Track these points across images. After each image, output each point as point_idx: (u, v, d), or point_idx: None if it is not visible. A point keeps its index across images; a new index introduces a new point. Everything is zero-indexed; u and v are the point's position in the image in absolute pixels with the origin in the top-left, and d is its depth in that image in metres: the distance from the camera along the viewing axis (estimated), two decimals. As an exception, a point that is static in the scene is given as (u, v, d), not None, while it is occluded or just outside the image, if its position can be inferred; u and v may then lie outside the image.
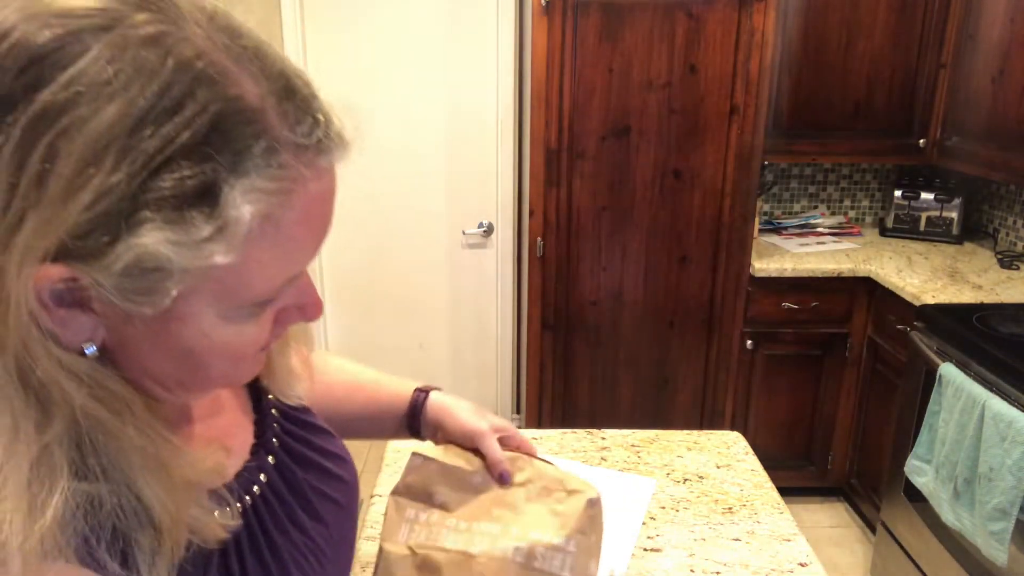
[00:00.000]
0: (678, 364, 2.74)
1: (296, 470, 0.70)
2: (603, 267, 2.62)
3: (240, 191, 0.44)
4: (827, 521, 2.85)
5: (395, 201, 3.21)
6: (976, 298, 2.36)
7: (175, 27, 0.43)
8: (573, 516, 0.76)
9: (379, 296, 3.33)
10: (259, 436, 0.69)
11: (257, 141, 0.44)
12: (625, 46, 2.41)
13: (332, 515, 0.72)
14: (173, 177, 0.42)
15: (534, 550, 0.73)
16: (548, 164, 2.50)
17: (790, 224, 3.15)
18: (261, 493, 0.65)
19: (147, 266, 0.43)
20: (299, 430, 0.74)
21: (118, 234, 0.42)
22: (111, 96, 0.41)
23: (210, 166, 0.43)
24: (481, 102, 3.09)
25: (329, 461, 0.75)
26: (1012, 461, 1.76)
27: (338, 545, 0.72)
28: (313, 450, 0.74)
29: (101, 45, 0.41)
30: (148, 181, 0.42)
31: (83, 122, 0.41)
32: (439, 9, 2.99)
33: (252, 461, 0.66)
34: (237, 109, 0.44)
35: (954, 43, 2.69)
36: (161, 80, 0.42)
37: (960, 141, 2.67)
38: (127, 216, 0.42)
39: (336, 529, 0.72)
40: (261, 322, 0.52)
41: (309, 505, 0.70)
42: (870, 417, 2.70)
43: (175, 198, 0.42)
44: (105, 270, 0.43)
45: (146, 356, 0.49)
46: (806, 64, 2.75)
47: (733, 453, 1.43)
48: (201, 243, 0.43)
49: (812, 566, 1.13)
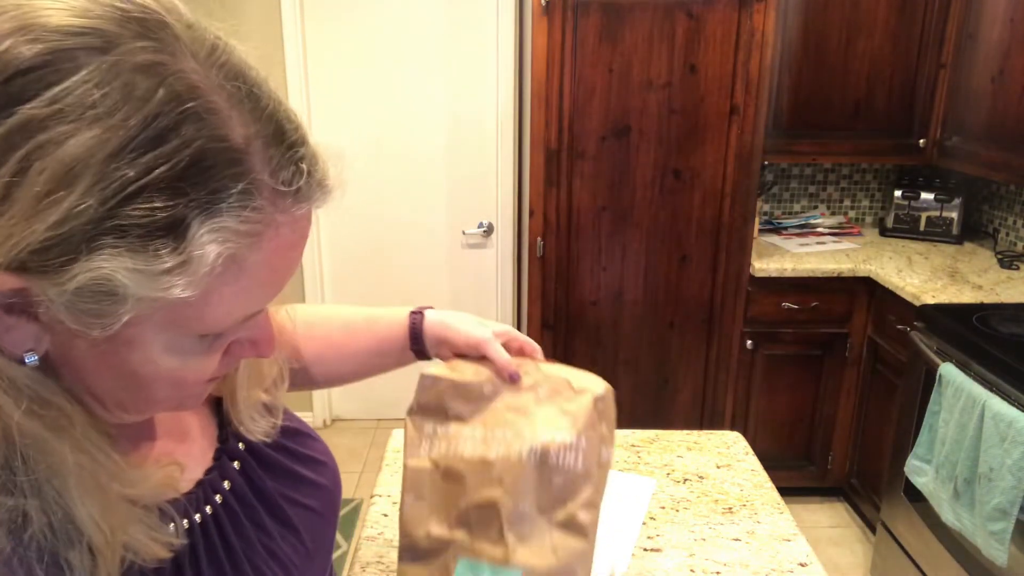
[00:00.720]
0: (678, 364, 2.74)
1: (265, 477, 0.69)
2: (603, 267, 2.62)
3: (208, 229, 0.43)
4: (827, 521, 2.85)
5: (395, 201, 3.21)
6: (976, 298, 2.36)
7: (171, 59, 0.43)
8: (582, 414, 0.80)
9: (379, 296, 3.32)
10: (223, 441, 0.68)
11: (235, 183, 0.44)
12: (625, 46, 2.41)
13: (305, 522, 0.71)
14: (143, 208, 0.41)
15: (548, 450, 0.76)
16: (548, 164, 2.50)
17: (790, 224, 3.15)
18: (224, 501, 0.64)
19: (102, 290, 0.42)
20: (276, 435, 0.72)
21: (77, 255, 0.41)
22: (94, 119, 0.40)
23: (183, 201, 0.42)
24: (481, 102, 3.09)
25: (306, 467, 0.73)
26: (1012, 461, 1.76)
27: (312, 554, 0.71)
28: (288, 455, 0.72)
29: (92, 67, 0.40)
30: (117, 208, 0.41)
31: (61, 141, 0.40)
32: (439, 9, 2.99)
33: (214, 469, 0.65)
34: (220, 149, 0.43)
35: (954, 43, 2.69)
36: (147, 110, 0.41)
37: (960, 141, 2.67)
38: (90, 239, 0.41)
39: (309, 536, 0.71)
40: (210, 354, 0.51)
41: (279, 512, 0.68)
42: (870, 417, 2.70)
43: (142, 228, 0.41)
44: (59, 287, 0.41)
45: (89, 373, 0.48)
46: (806, 64, 2.75)
47: (733, 453, 1.43)
48: (161, 274, 0.42)
49: (812, 566, 1.13)
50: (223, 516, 0.63)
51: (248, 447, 0.70)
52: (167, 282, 0.43)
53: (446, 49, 3.04)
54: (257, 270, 0.47)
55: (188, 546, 0.59)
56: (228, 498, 0.65)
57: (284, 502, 0.69)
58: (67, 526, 0.47)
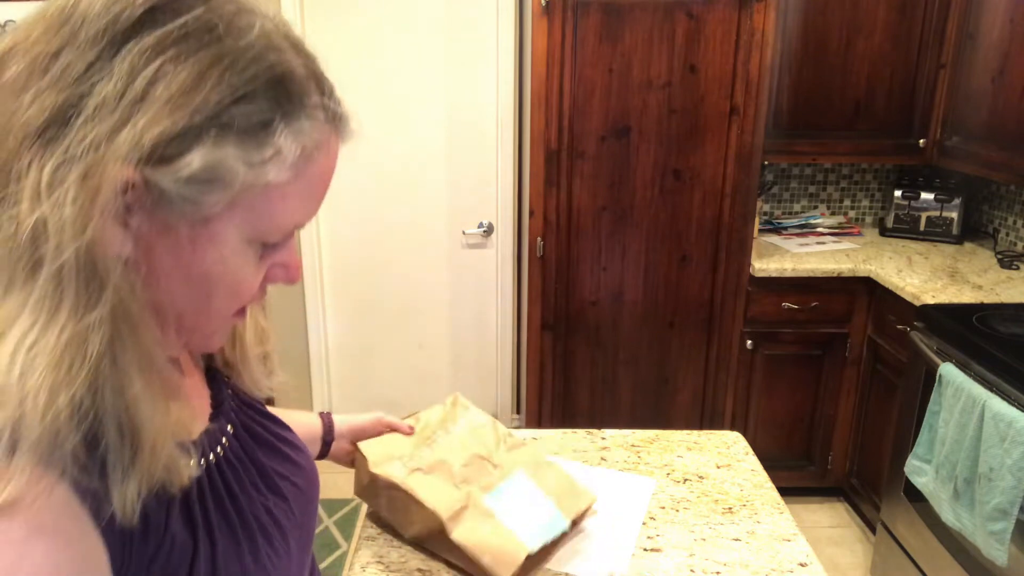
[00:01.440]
0: (678, 364, 2.74)
1: (254, 446, 0.74)
2: (603, 267, 2.62)
3: (291, 131, 0.56)
4: (827, 521, 2.85)
5: (395, 201, 3.21)
6: (976, 298, 2.36)
7: (253, 8, 0.57)
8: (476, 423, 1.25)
9: (379, 296, 3.32)
10: (216, 407, 0.73)
11: (306, 99, 0.57)
12: (625, 46, 2.41)
13: (293, 495, 0.75)
14: (249, 108, 0.53)
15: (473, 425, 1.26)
16: (548, 164, 2.50)
17: (790, 224, 3.15)
18: (224, 454, 0.69)
19: (211, 175, 0.52)
20: (256, 414, 0.78)
21: (196, 144, 0.51)
22: (214, 40, 0.53)
23: (273, 106, 0.55)
24: (481, 102, 3.09)
25: (286, 447, 0.79)
26: (1012, 461, 1.76)
27: (301, 526, 0.75)
28: (269, 434, 0.78)
29: (204, 7, 0.53)
30: (230, 107, 0.52)
31: (189, 54, 0.51)
32: (439, 9, 2.99)
33: (213, 426, 0.70)
34: (294, 73, 0.56)
35: (954, 43, 2.69)
36: (248, 38, 0.54)
37: (960, 141, 2.67)
38: (206, 132, 0.52)
39: (297, 508, 0.75)
40: (260, 266, 0.61)
41: (269, 480, 0.73)
42: (870, 417, 2.70)
43: (244, 125, 0.53)
44: (174, 176, 0.51)
45: (161, 279, 0.56)
46: (806, 64, 2.75)
47: (733, 453, 1.43)
48: (257, 163, 0.54)
49: (812, 566, 1.13)
50: (224, 465, 0.68)
51: (237, 419, 0.74)
52: (262, 169, 0.54)
53: (446, 49, 3.04)
54: (314, 177, 0.59)
55: (196, 486, 0.63)
56: (227, 452, 0.69)
57: (273, 473, 0.74)
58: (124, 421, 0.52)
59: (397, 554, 1.15)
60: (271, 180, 0.55)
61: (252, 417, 0.77)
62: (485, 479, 1.14)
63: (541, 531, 1.09)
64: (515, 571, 1.04)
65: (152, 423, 0.54)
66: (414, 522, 1.12)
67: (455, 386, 3.42)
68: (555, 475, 1.18)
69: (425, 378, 3.44)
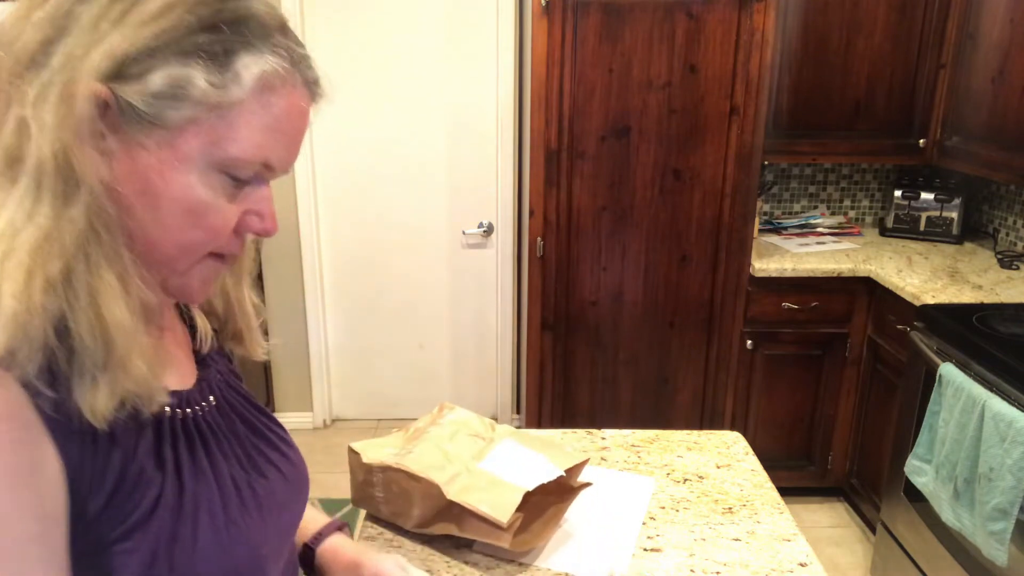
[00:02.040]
0: (678, 364, 2.74)
1: (236, 423, 0.76)
2: (603, 267, 2.62)
3: (252, 59, 0.60)
4: (827, 521, 2.85)
5: (395, 201, 3.21)
6: (976, 298, 2.36)
7: None
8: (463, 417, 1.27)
9: (379, 296, 3.32)
10: (201, 379, 0.75)
11: (273, 36, 0.62)
12: (625, 46, 2.41)
13: (276, 479, 0.76)
14: (212, 37, 0.58)
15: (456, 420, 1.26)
16: (548, 164, 2.50)
17: (790, 224, 3.15)
18: (202, 415, 0.71)
19: (176, 91, 0.57)
20: (248, 404, 0.80)
21: (162, 63, 0.57)
22: None
23: (238, 38, 0.59)
24: (481, 102, 3.09)
25: (274, 436, 0.81)
26: (1012, 461, 1.76)
27: (281, 505, 0.76)
28: (258, 421, 0.79)
29: None
30: (195, 34, 0.58)
31: None
32: (439, 9, 2.99)
33: (194, 388, 0.72)
34: (260, 15, 0.62)
35: (954, 43, 2.69)
36: None
37: (960, 141, 2.67)
38: (173, 53, 0.57)
39: (280, 492, 0.76)
40: (232, 203, 0.63)
41: (250, 457, 0.75)
42: (870, 417, 2.70)
43: (209, 50, 0.58)
44: (140, 90, 0.56)
45: (135, 205, 0.59)
46: (806, 64, 2.75)
47: (733, 453, 1.43)
48: (220, 84, 0.58)
49: (812, 566, 1.13)
50: (203, 426, 0.70)
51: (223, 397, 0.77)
52: (223, 90, 0.59)
53: (446, 49, 3.04)
54: (279, 114, 0.62)
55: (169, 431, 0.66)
56: (206, 415, 0.72)
57: (255, 452, 0.76)
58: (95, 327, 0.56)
59: (398, 554, 1.15)
60: (231, 99, 0.59)
61: (241, 404, 0.79)
62: (475, 450, 1.17)
63: (536, 476, 1.10)
64: (514, 515, 1.04)
65: (124, 330, 0.57)
66: (413, 503, 1.13)
67: (455, 386, 3.42)
68: (544, 442, 1.21)
69: (425, 378, 3.44)
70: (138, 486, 0.61)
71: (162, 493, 0.62)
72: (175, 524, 0.63)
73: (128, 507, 0.60)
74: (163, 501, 0.62)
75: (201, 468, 0.67)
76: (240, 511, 0.69)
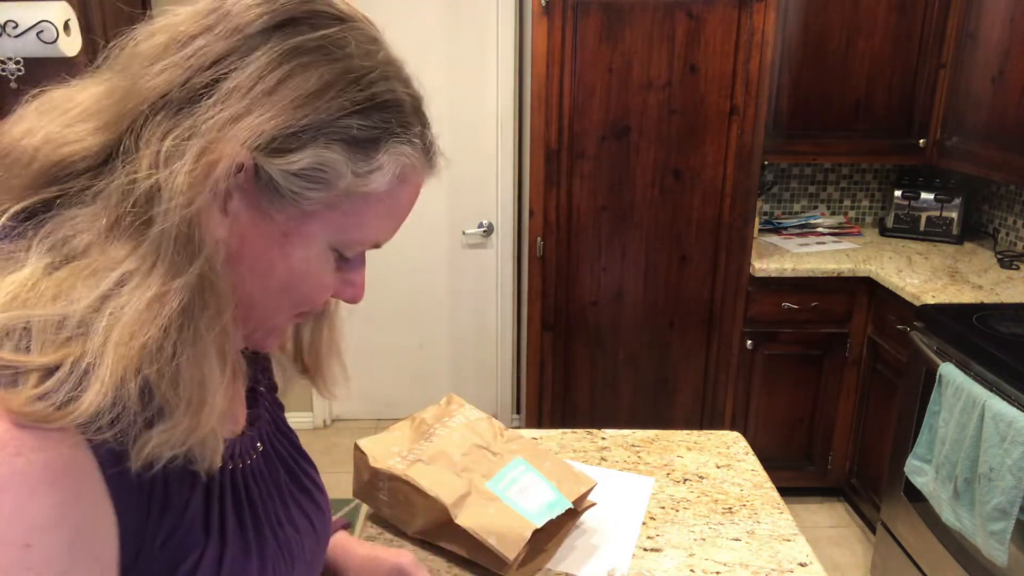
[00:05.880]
0: (678, 364, 2.74)
1: (280, 472, 0.75)
2: (603, 267, 2.62)
3: (394, 151, 0.60)
4: (827, 521, 2.85)
5: (395, 201, 3.20)
6: (976, 298, 2.36)
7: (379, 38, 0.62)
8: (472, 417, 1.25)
9: (379, 296, 3.32)
10: (251, 422, 0.73)
11: (414, 126, 0.62)
12: (625, 46, 2.41)
13: (305, 531, 0.75)
14: (362, 122, 0.58)
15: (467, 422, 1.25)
16: (548, 164, 2.50)
17: (790, 224, 3.15)
18: (251, 466, 0.70)
19: (319, 173, 0.56)
20: (289, 446, 0.79)
21: (311, 143, 0.56)
22: (345, 57, 0.57)
23: (384, 125, 0.59)
24: (481, 102, 3.09)
25: (309, 483, 0.79)
26: (1012, 461, 1.76)
27: (307, 563, 0.75)
28: (297, 467, 0.78)
29: (340, 27, 0.59)
30: (347, 117, 0.57)
31: (321, 64, 0.56)
32: (439, 9, 2.99)
33: (247, 436, 0.71)
34: (405, 103, 0.61)
35: (954, 43, 2.69)
36: (373, 62, 0.59)
37: (960, 141, 2.67)
38: (322, 135, 0.56)
39: (308, 545, 0.75)
40: (335, 277, 0.64)
41: (287, 509, 0.74)
42: (870, 417, 2.70)
43: (356, 136, 0.57)
44: (285, 167, 0.55)
45: (248, 265, 0.59)
46: (806, 64, 2.75)
47: (733, 453, 1.43)
48: (363, 173, 0.58)
49: (812, 566, 1.13)
50: (249, 478, 0.69)
51: (270, 442, 0.75)
52: (365, 179, 0.58)
53: (446, 49, 3.04)
54: (401, 201, 0.63)
55: (218, 486, 0.64)
56: (254, 466, 0.71)
57: (292, 504, 0.74)
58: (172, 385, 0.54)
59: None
60: (371, 190, 0.59)
61: (284, 446, 0.78)
62: (485, 466, 1.15)
63: (545, 509, 1.09)
64: (521, 549, 1.04)
65: (213, 384, 0.56)
66: (416, 515, 1.13)
67: (455, 386, 3.42)
68: (553, 461, 1.19)
69: (425, 378, 3.44)
70: (184, 543, 0.60)
71: (204, 553, 0.61)
72: None
73: (168, 567, 0.59)
74: (204, 564, 0.61)
75: (244, 526, 0.66)
76: (276, 570, 0.68)
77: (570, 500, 1.12)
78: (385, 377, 3.44)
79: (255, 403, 0.76)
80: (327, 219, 0.59)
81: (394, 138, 0.60)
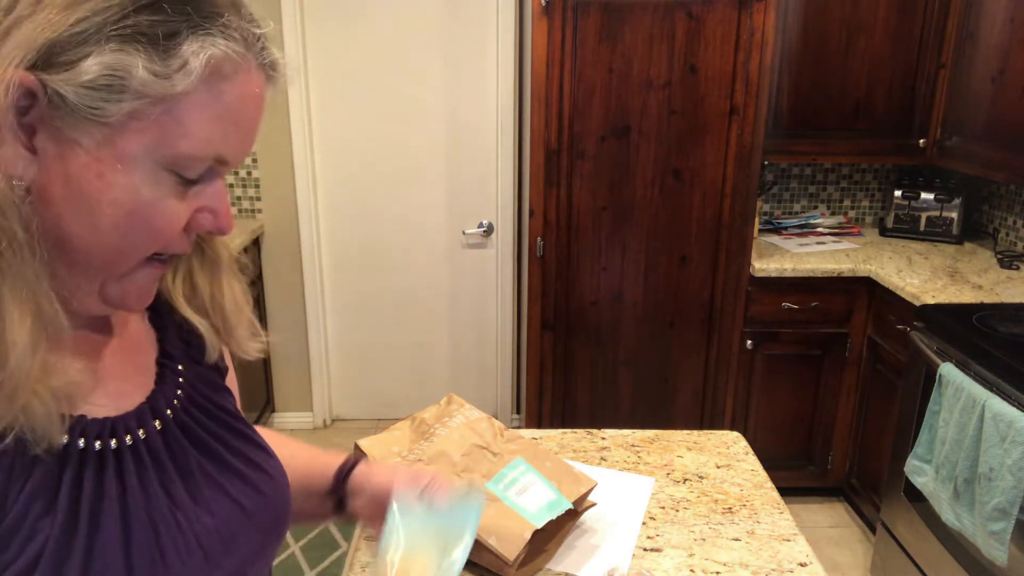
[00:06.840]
0: (678, 364, 2.74)
1: (188, 448, 0.68)
2: (603, 267, 2.62)
3: (200, 43, 0.53)
4: (827, 521, 2.85)
5: (395, 201, 3.21)
6: (976, 298, 2.36)
7: None
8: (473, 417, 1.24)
9: (379, 296, 3.32)
10: (150, 399, 0.67)
11: (223, 15, 0.55)
12: (625, 46, 2.41)
13: (229, 514, 0.68)
14: (153, 17, 0.51)
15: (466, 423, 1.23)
16: (548, 164, 2.50)
17: (790, 224, 3.15)
18: (132, 445, 0.63)
19: (112, 81, 0.50)
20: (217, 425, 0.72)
21: (94, 48, 0.50)
22: None
23: (182, 18, 0.52)
24: (481, 102, 3.09)
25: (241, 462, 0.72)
26: (1012, 461, 1.76)
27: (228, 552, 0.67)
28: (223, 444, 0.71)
29: None
30: (133, 15, 0.51)
31: None
32: (439, 10, 2.99)
33: (131, 414, 0.64)
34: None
35: (954, 43, 2.69)
36: None
37: (960, 141, 2.67)
38: (107, 37, 0.50)
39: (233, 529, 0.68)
40: (182, 201, 0.57)
41: (195, 491, 0.66)
42: (870, 417, 2.70)
43: (149, 33, 0.51)
44: (72, 81, 0.50)
45: (69, 210, 0.53)
46: (806, 64, 2.75)
47: (733, 453, 1.43)
48: (162, 74, 0.52)
49: (812, 566, 1.13)
50: (127, 454, 0.62)
51: (183, 417, 0.68)
52: (167, 80, 0.52)
53: (446, 49, 3.04)
54: (229, 103, 0.56)
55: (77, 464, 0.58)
56: (139, 444, 0.63)
57: (203, 480, 0.67)
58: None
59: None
60: (182, 91, 0.53)
61: (208, 426, 0.71)
62: (485, 466, 1.16)
63: (545, 510, 1.10)
64: (521, 549, 1.04)
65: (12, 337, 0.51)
66: None
67: (455, 386, 3.42)
68: (553, 462, 1.20)
69: (425, 378, 3.44)
70: (16, 535, 0.53)
71: (47, 543, 0.54)
72: None
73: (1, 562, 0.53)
74: (47, 551, 0.54)
75: (107, 510, 0.58)
76: (150, 557, 0.60)
77: (570, 500, 1.12)
78: (385, 377, 3.44)
79: (163, 382, 0.69)
80: (141, 133, 0.53)
81: (199, 30, 0.53)
